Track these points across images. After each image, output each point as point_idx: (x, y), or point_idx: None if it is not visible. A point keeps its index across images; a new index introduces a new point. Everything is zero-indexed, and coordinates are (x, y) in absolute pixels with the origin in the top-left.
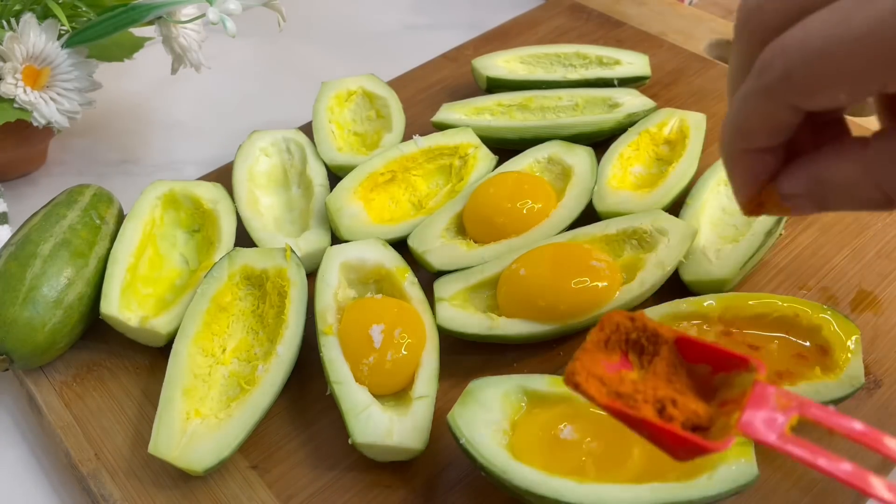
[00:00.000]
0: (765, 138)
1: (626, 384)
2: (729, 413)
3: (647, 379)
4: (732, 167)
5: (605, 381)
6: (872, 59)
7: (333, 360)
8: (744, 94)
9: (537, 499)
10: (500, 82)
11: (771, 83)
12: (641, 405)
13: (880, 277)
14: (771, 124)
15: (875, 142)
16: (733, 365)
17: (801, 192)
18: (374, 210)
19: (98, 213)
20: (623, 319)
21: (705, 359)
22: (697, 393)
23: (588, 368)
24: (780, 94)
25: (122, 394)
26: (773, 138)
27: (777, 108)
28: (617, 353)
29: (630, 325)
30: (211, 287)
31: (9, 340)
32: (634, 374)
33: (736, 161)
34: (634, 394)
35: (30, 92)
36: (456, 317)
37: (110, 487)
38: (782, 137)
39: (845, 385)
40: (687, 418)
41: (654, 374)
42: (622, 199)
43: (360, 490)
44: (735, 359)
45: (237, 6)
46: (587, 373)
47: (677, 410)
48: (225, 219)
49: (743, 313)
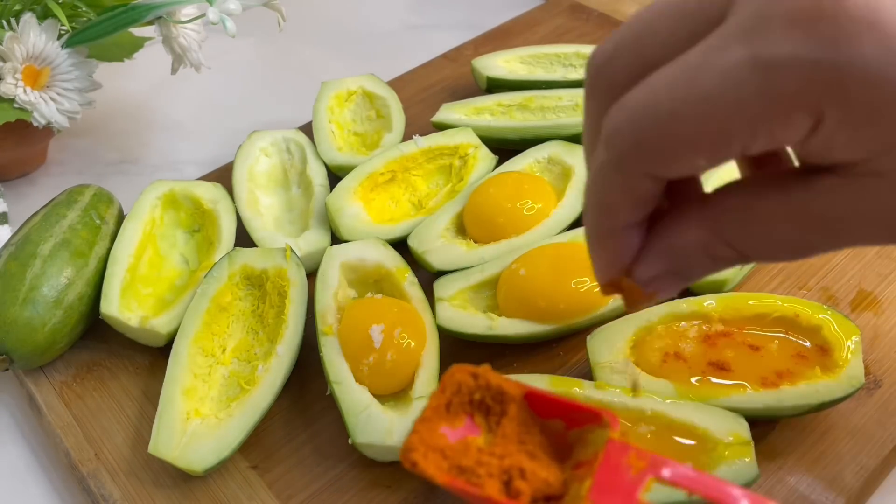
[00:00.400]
0: (629, 213)
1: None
2: (581, 479)
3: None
4: (597, 247)
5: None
6: (727, 121)
7: (333, 360)
8: (598, 168)
9: None
10: (500, 82)
11: (622, 154)
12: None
13: (880, 277)
14: (632, 198)
15: (715, 197)
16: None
17: (660, 271)
18: (374, 210)
19: (98, 213)
20: (465, 377)
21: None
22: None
23: (427, 442)
24: (634, 165)
25: (122, 394)
26: (638, 211)
27: (634, 180)
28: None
29: (473, 384)
30: (211, 287)
31: (9, 340)
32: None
33: (601, 240)
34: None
35: (30, 92)
36: (456, 317)
37: (110, 487)
38: (649, 208)
39: (845, 385)
40: (536, 489)
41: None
42: None
43: (360, 490)
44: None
45: (237, 6)
46: (426, 447)
47: (525, 483)
48: (225, 219)
49: (743, 313)
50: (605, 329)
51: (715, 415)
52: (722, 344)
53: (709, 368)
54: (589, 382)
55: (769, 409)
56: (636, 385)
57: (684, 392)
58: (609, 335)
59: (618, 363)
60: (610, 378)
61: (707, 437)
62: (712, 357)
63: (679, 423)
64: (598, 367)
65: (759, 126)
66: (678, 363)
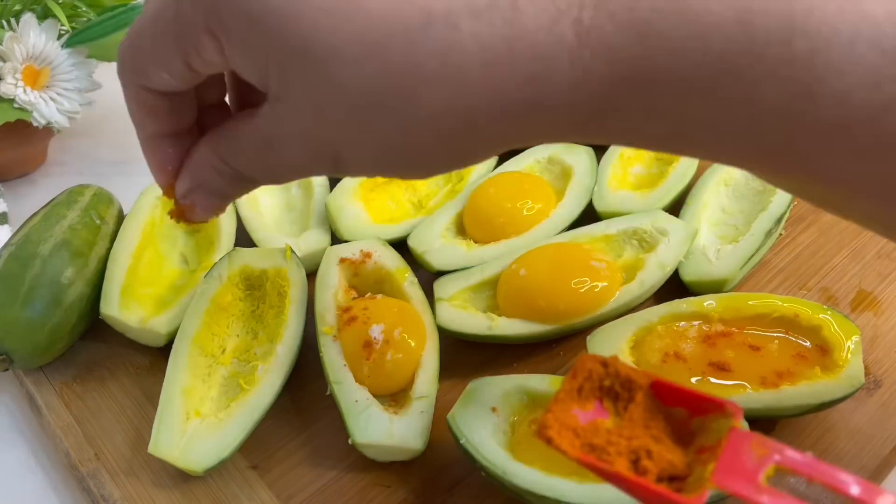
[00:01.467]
0: (151, 123)
1: (601, 434)
2: (705, 462)
3: (622, 427)
4: (145, 155)
5: (578, 433)
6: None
7: (333, 360)
8: None
9: (537, 499)
10: None
11: (119, 71)
12: (615, 458)
13: (880, 277)
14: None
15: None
16: (710, 409)
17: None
18: (374, 210)
19: (98, 213)
20: (595, 366)
21: (681, 402)
22: (676, 436)
23: (561, 420)
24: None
25: (122, 394)
26: (156, 122)
27: (133, 91)
28: (591, 401)
29: (603, 372)
30: (211, 287)
31: (9, 340)
32: (610, 422)
33: (144, 149)
34: (608, 445)
35: (30, 92)
36: (456, 317)
37: (110, 487)
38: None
39: (845, 385)
40: (662, 469)
41: (631, 420)
42: (622, 199)
43: (360, 490)
44: (711, 403)
45: None
46: (560, 425)
47: (652, 462)
48: (225, 219)
49: (743, 313)
50: (605, 329)
51: None
52: (722, 344)
53: (709, 369)
54: None
55: (769, 409)
56: None
57: None
58: (609, 335)
59: None
60: None
61: None
62: (712, 357)
63: None
64: None
65: (186, 44)
66: (678, 363)
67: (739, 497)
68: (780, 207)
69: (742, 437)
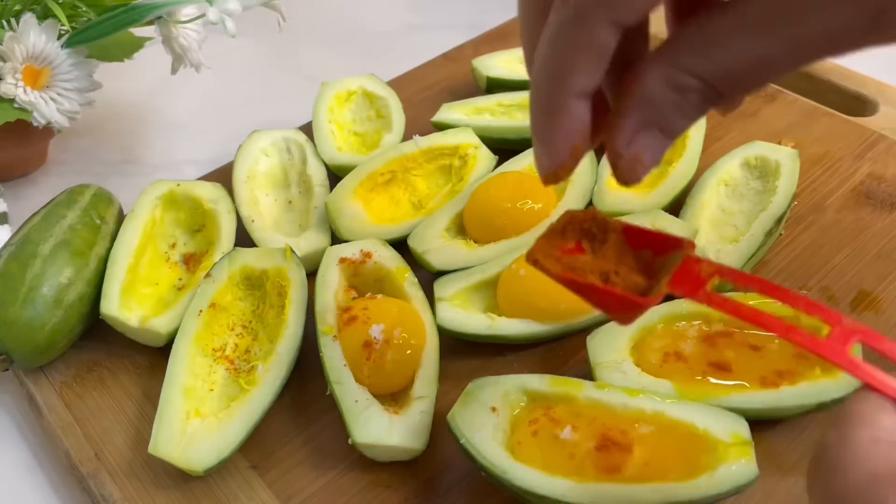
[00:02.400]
0: (588, 73)
1: (579, 263)
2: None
3: (597, 260)
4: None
5: (560, 260)
6: None
7: (333, 360)
8: (555, 31)
9: (537, 499)
10: (500, 82)
11: (583, 5)
12: (589, 276)
13: (880, 277)
14: (592, 53)
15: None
16: (671, 246)
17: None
18: (374, 210)
19: (98, 213)
20: (576, 212)
21: (648, 244)
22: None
23: (545, 251)
24: (596, 13)
25: (122, 394)
26: (596, 71)
27: (596, 30)
28: (572, 241)
29: (583, 217)
30: (211, 287)
31: (9, 340)
32: (587, 257)
33: (553, 116)
34: (583, 269)
35: (30, 92)
36: (456, 317)
37: (110, 487)
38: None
39: (845, 385)
40: (626, 287)
41: (604, 256)
42: (622, 199)
43: (360, 490)
44: (671, 241)
45: (237, 6)
46: (544, 253)
47: (619, 279)
48: (225, 219)
49: None
50: (605, 329)
51: (715, 415)
52: (722, 344)
53: (709, 368)
54: (589, 382)
55: (769, 408)
56: None
57: (684, 392)
58: (609, 335)
59: None
60: (610, 378)
61: (707, 437)
62: (713, 357)
63: (679, 423)
64: (598, 367)
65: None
66: (678, 363)
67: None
68: (780, 207)
69: (694, 261)
